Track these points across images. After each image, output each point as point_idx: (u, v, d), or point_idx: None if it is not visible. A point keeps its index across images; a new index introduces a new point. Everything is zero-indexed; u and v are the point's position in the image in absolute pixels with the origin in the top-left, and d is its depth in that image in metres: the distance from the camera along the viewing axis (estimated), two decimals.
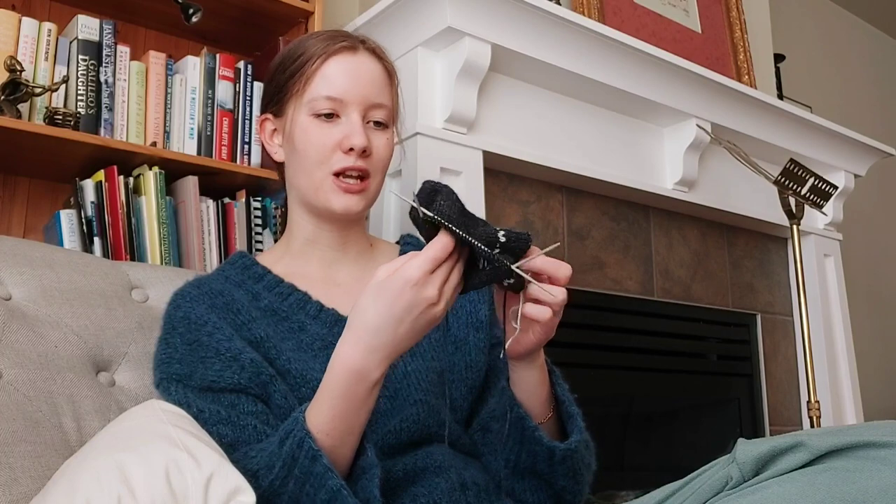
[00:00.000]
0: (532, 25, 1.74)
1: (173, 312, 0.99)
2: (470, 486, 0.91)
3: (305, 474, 0.78)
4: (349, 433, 0.81)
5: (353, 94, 1.04)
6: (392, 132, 1.09)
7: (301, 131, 1.05)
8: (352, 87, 1.04)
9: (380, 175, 1.07)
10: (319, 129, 1.03)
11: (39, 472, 0.87)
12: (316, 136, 1.03)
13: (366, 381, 0.79)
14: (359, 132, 1.02)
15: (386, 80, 1.08)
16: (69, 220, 1.36)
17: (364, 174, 1.04)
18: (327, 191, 1.03)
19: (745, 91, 2.19)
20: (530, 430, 0.91)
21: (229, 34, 1.72)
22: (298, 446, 0.78)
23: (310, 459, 0.77)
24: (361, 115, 1.04)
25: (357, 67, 1.05)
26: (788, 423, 2.40)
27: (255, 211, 1.55)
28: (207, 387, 0.92)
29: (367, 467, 0.81)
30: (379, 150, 1.05)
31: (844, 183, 2.53)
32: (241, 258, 1.09)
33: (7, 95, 1.33)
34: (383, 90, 1.07)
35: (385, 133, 1.07)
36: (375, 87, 1.06)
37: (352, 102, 1.04)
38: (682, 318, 2.21)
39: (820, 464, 0.71)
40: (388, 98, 1.08)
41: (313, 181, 1.04)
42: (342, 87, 1.04)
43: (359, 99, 1.04)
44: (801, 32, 3.63)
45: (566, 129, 1.93)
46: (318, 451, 0.77)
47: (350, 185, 1.03)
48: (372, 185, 1.05)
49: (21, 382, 0.94)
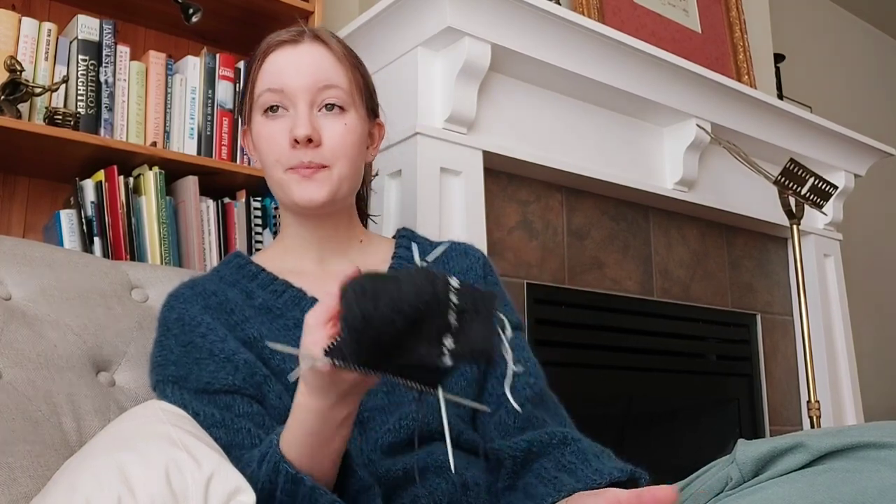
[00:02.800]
0: (532, 25, 1.74)
1: (167, 314, 0.99)
2: (471, 487, 0.91)
3: (291, 496, 0.76)
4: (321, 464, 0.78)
5: (296, 82, 1.00)
6: (354, 117, 1.02)
7: (257, 134, 1.03)
8: (293, 76, 1.00)
9: (343, 164, 1.00)
10: (268, 126, 1.01)
11: (39, 472, 0.87)
12: (266, 134, 1.01)
13: (329, 420, 0.75)
14: (303, 122, 0.97)
15: (333, 61, 1.02)
16: (69, 219, 1.36)
17: (318, 167, 0.99)
18: (288, 185, 1.00)
19: (745, 91, 2.19)
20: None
21: (229, 34, 1.72)
22: (275, 471, 0.76)
23: (291, 483, 0.75)
24: (309, 104, 0.99)
25: (298, 57, 1.01)
26: (788, 423, 2.40)
27: (255, 211, 1.55)
28: (202, 388, 0.92)
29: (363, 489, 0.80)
30: (333, 139, 0.99)
31: (844, 183, 2.53)
32: (235, 258, 1.08)
33: (7, 95, 1.33)
34: (330, 71, 1.01)
35: (342, 118, 1.00)
36: (321, 71, 1.01)
37: (295, 91, 0.99)
38: (681, 318, 2.21)
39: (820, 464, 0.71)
40: (338, 79, 1.01)
41: (276, 181, 1.02)
42: (283, 79, 1.00)
43: (302, 86, 0.99)
44: (801, 32, 3.63)
45: (566, 129, 1.93)
46: (296, 473, 0.75)
47: (306, 172, 0.98)
48: (335, 173, 0.99)
49: (21, 382, 0.94)
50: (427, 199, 1.58)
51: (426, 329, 0.64)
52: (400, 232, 1.16)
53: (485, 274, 1.10)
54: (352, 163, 1.02)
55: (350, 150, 1.01)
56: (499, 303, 0.99)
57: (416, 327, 0.63)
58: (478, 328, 0.65)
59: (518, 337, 1.07)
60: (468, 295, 0.65)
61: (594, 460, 0.89)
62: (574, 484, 0.84)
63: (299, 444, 0.77)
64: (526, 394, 1.01)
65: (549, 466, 0.90)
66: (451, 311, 0.64)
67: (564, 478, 0.87)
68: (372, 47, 1.76)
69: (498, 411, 0.99)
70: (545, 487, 0.86)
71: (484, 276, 1.10)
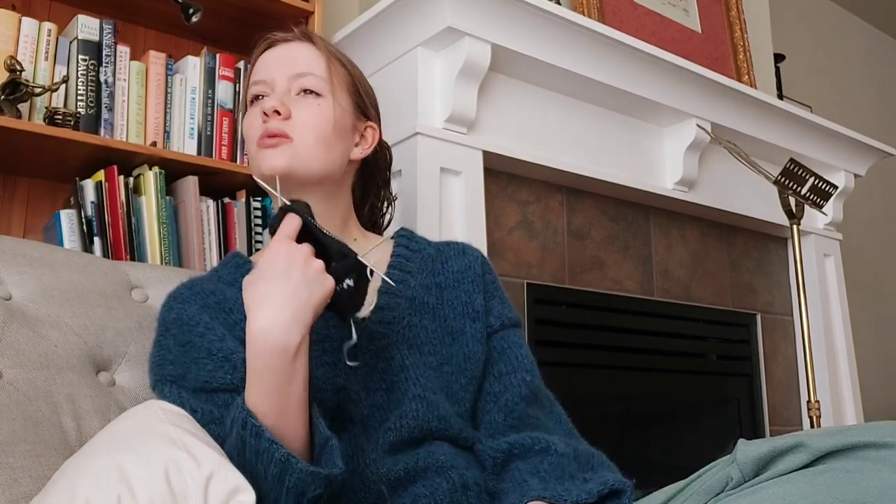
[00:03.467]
0: (532, 25, 1.74)
1: (166, 314, 1.00)
2: (472, 487, 0.91)
3: (255, 453, 0.77)
4: (285, 411, 0.79)
5: (278, 72, 1.05)
6: (329, 103, 1.04)
7: (243, 124, 1.08)
8: (276, 68, 1.05)
9: (308, 137, 1.01)
10: (251, 112, 1.06)
11: (39, 472, 0.87)
12: (249, 119, 1.06)
13: (283, 353, 0.77)
14: (274, 97, 1.02)
15: (315, 54, 1.07)
16: (69, 219, 1.36)
17: (282, 136, 1.01)
18: (256, 159, 1.03)
19: (745, 91, 2.19)
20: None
21: (229, 34, 1.71)
22: (242, 426, 0.77)
23: (255, 437, 0.76)
24: (286, 88, 1.04)
25: (284, 53, 1.07)
26: (788, 423, 2.40)
27: (254, 211, 1.55)
28: (201, 387, 0.92)
29: (323, 442, 0.80)
30: (302, 113, 1.02)
31: (844, 183, 2.53)
32: (233, 258, 1.09)
33: (7, 95, 1.33)
34: (311, 61, 1.06)
35: (315, 100, 1.04)
36: (300, 60, 1.05)
37: (275, 79, 1.04)
38: (681, 318, 2.21)
39: (820, 464, 0.71)
40: (316, 68, 1.05)
41: (252, 158, 1.05)
42: (267, 70, 1.06)
43: (283, 75, 1.04)
44: (801, 32, 3.63)
45: (566, 129, 1.93)
46: (259, 426, 0.76)
47: (267, 142, 1.00)
48: (297, 143, 1.01)
49: (21, 382, 0.94)
50: (427, 199, 1.58)
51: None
52: (399, 232, 1.17)
53: (483, 273, 1.10)
54: (320, 142, 1.03)
55: (318, 130, 1.02)
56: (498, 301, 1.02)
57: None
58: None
59: (516, 335, 1.07)
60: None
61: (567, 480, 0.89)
62: (541, 492, 0.85)
63: (257, 399, 0.78)
64: (521, 392, 1.01)
65: (523, 469, 0.91)
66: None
67: (534, 483, 0.87)
68: (372, 47, 1.76)
69: (491, 411, 1.00)
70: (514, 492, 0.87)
71: (482, 275, 1.10)
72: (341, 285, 0.83)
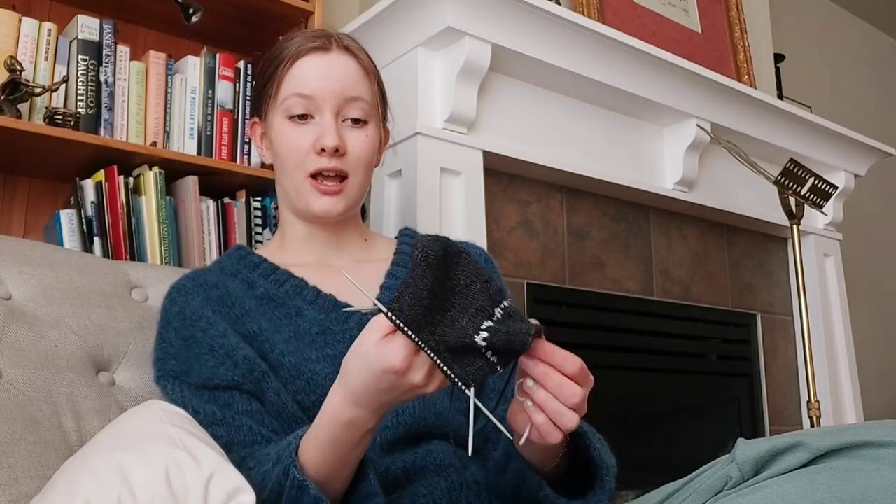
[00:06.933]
0: (532, 25, 1.74)
1: (169, 307, 1.00)
2: (471, 486, 0.91)
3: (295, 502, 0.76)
4: (340, 471, 0.79)
5: (325, 90, 1.03)
6: (374, 128, 1.07)
7: (277, 135, 1.05)
8: (323, 84, 1.03)
9: (361, 173, 1.05)
10: (293, 131, 1.04)
11: (39, 472, 0.87)
12: (290, 139, 1.04)
13: (357, 430, 0.75)
14: (330, 132, 1.01)
15: (361, 75, 1.07)
16: (69, 219, 1.36)
17: (341, 174, 1.03)
18: (306, 193, 1.03)
19: (745, 91, 2.19)
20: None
21: (229, 34, 1.72)
22: (285, 474, 0.76)
23: (297, 489, 0.76)
24: (335, 113, 1.03)
25: (328, 65, 1.05)
26: (788, 423, 2.40)
27: (255, 211, 1.55)
28: (203, 384, 0.92)
29: (370, 494, 0.80)
30: (356, 149, 1.04)
31: (844, 183, 2.53)
32: (237, 250, 1.10)
33: (7, 95, 1.33)
34: (358, 84, 1.05)
35: (364, 130, 1.05)
36: (349, 82, 1.04)
37: (324, 100, 1.03)
38: (681, 318, 2.21)
39: (819, 463, 0.71)
40: (364, 92, 1.06)
41: (294, 184, 1.04)
42: (312, 85, 1.03)
43: (331, 95, 1.03)
44: (800, 32, 3.63)
45: (566, 129, 1.93)
46: (303, 480, 0.75)
47: (327, 188, 1.03)
48: (352, 184, 1.04)
49: (21, 382, 0.94)
50: (427, 199, 1.58)
51: (471, 305, 0.67)
52: (402, 231, 1.19)
53: None
54: (367, 172, 1.07)
55: (368, 163, 1.07)
56: None
57: (464, 299, 0.68)
58: (516, 327, 0.67)
59: None
60: (513, 307, 0.69)
61: None
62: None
63: (321, 451, 0.77)
64: None
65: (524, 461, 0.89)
66: (498, 305, 0.68)
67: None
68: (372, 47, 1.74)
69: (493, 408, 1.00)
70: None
71: None
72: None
